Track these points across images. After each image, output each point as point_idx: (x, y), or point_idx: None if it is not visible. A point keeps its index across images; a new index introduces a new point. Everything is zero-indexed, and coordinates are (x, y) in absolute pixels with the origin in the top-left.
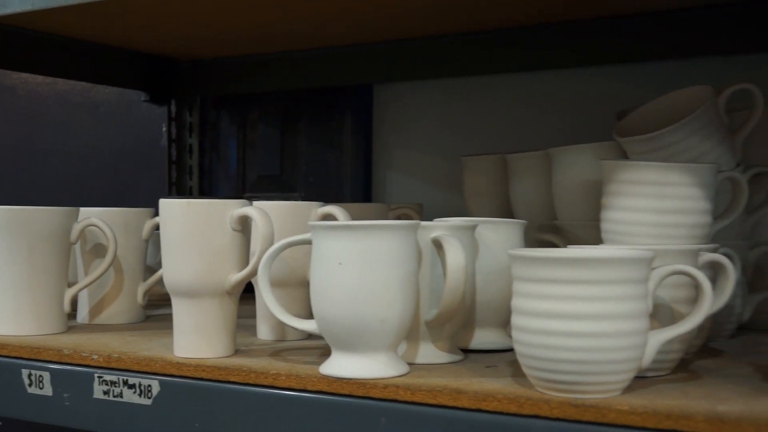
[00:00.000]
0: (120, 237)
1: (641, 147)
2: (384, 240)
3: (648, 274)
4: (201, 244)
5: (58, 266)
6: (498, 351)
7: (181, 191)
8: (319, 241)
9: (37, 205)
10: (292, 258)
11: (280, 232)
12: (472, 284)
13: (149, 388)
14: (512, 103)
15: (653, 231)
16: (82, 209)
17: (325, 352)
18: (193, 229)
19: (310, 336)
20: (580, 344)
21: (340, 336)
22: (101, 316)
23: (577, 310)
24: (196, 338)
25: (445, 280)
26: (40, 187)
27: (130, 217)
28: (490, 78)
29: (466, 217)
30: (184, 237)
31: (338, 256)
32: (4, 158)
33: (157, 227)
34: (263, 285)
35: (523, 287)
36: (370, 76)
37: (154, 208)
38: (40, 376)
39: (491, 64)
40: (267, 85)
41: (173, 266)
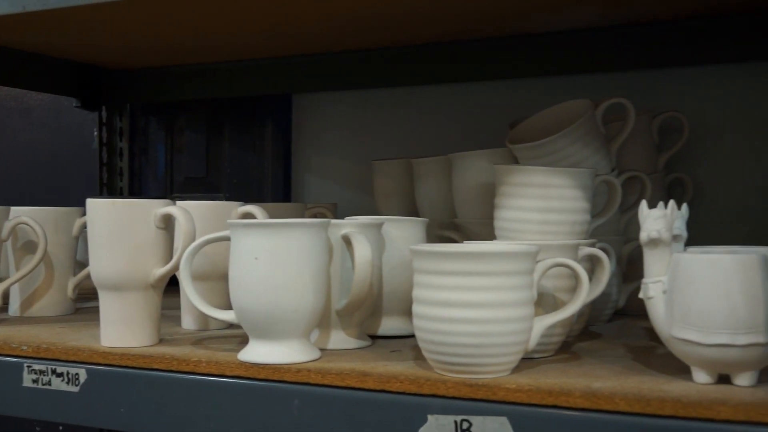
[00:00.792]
0: (50, 234)
1: (529, 153)
2: (296, 237)
3: (533, 267)
4: (126, 241)
5: None
6: (403, 337)
7: (112, 192)
8: (237, 238)
9: None
10: (214, 253)
11: (203, 230)
12: (378, 276)
13: (77, 377)
14: (417, 113)
15: (539, 228)
16: (14, 208)
17: (244, 340)
18: (119, 227)
19: (230, 325)
20: (474, 330)
21: (256, 325)
22: (32, 309)
23: (470, 299)
24: (121, 329)
25: (354, 273)
26: None
27: (60, 216)
28: (399, 90)
29: (374, 216)
30: (111, 234)
31: (254, 252)
32: None
33: (86, 225)
34: (185, 278)
35: (423, 279)
36: (289, 86)
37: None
38: None
39: (399, 78)
40: (193, 93)
41: (100, 262)
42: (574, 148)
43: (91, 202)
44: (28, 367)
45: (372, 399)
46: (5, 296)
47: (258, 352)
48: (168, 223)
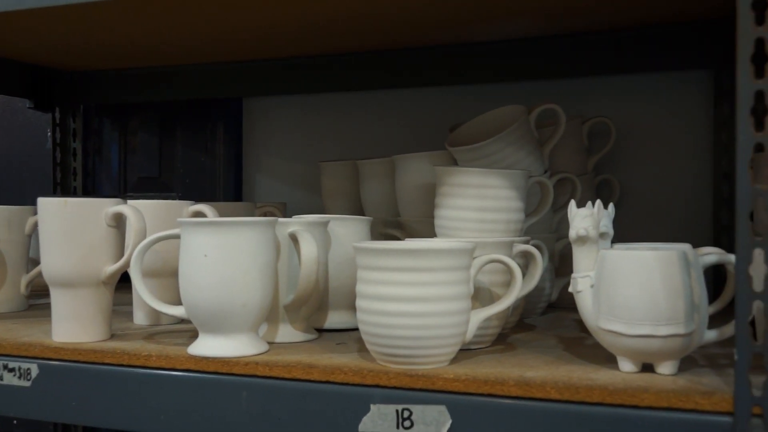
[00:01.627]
0: (3, 232)
1: (467, 156)
2: (244, 235)
3: (470, 263)
4: (77, 238)
5: None
6: (348, 330)
7: (66, 191)
8: (187, 236)
9: None
10: (165, 251)
11: (155, 228)
12: (324, 273)
13: (28, 372)
14: (363, 117)
15: (476, 226)
16: None
17: (194, 335)
18: (70, 226)
19: (181, 321)
20: (413, 323)
21: (205, 319)
22: None
23: (410, 294)
24: (73, 324)
25: (301, 269)
26: None
27: (13, 214)
28: (345, 95)
29: (321, 214)
30: (62, 233)
31: (203, 249)
32: None
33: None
34: (135, 275)
35: (366, 274)
36: (240, 90)
37: None
38: None
39: (346, 83)
40: (146, 96)
41: (51, 259)
42: (509, 150)
43: (43, 201)
44: None
45: (317, 390)
46: None
47: (207, 346)
48: (119, 222)
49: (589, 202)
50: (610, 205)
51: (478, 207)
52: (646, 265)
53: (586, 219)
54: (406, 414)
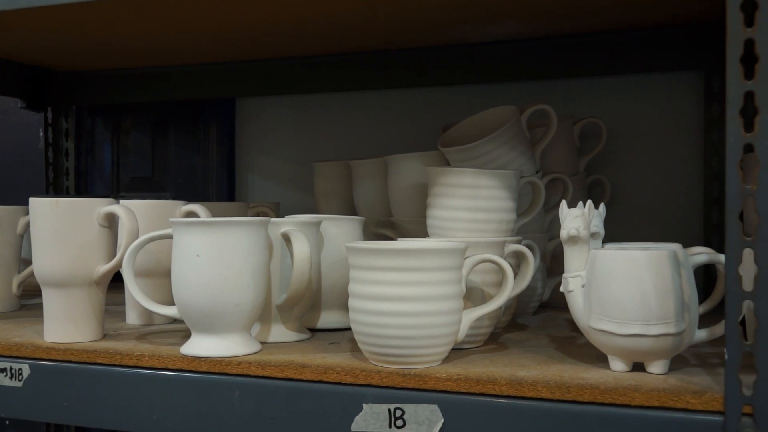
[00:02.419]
0: None
1: (459, 156)
2: (236, 234)
3: (461, 263)
4: (69, 238)
5: None
6: (341, 330)
7: (59, 191)
8: (179, 236)
9: None
10: (158, 251)
11: (148, 228)
12: (317, 272)
13: (20, 372)
14: (355, 117)
15: (468, 226)
16: None
17: (187, 335)
18: (62, 226)
19: (174, 321)
20: (406, 322)
21: (198, 319)
22: None
23: (402, 294)
24: (65, 325)
25: (293, 269)
26: None
27: (5, 214)
28: (337, 95)
29: (313, 214)
30: (54, 232)
31: (196, 249)
32: None
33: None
34: (128, 275)
35: (358, 274)
36: (233, 91)
37: None
38: None
39: (338, 83)
40: (139, 96)
41: (43, 259)
42: (501, 151)
43: (35, 201)
44: None
45: (310, 389)
46: None
47: (200, 346)
48: (111, 222)
49: (581, 202)
50: (601, 205)
51: (470, 207)
52: (637, 264)
53: (577, 219)
54: (399, 413)
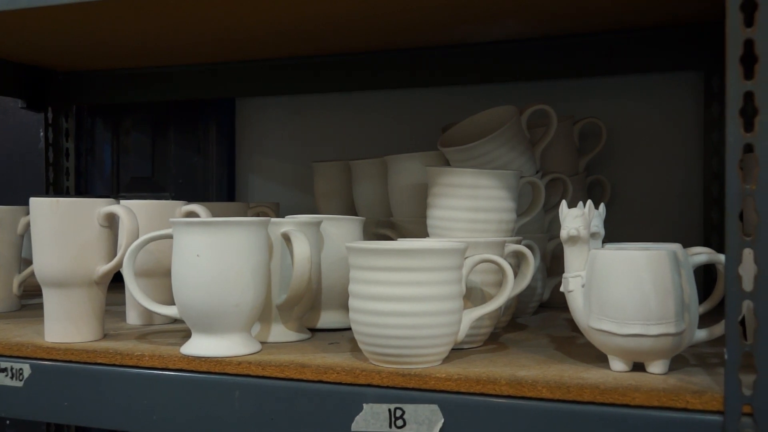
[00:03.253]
0: None
1: (459, 156)
2: (236, 234)
3: (461, 263)
4: (70, 238)
5: None
6: (341, 329)
7: (59, 191)
8: (179, 236)
9: None
10: (159, 251)
11: (148, 228)
12: (317, 272)
13: (20, 372)
14: (356, 117)
15: (468, 226)
16: None
17: (187, 335)
18: (62, 225)
19: (174, 321)
20: (406, 322)
21: (198, 319)
22: None
23: (402, 294)
24: (66, 324)
25: (293, 269)
26: None
27: (5, 214)
28: (337, 95)
29: (313, 214)
30: (54, 232)
31: (196, 249)
32: None
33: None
34: (128, 275)
35: (358, 274)
36: (233, 91)
37: None
38: None
39: (339, 83)
40: (139, 96)
41: (44, 259)
42: (501, 151)
43: (35, 201)
44: None
45: (310, 389)
46: None
47: (200, 346)
48: (111, 222)
49: (581, 202)
50: (601, 205)
51: (470, 207)
52: (637, 264)
53: (577, 219)
54: (399, 413)
